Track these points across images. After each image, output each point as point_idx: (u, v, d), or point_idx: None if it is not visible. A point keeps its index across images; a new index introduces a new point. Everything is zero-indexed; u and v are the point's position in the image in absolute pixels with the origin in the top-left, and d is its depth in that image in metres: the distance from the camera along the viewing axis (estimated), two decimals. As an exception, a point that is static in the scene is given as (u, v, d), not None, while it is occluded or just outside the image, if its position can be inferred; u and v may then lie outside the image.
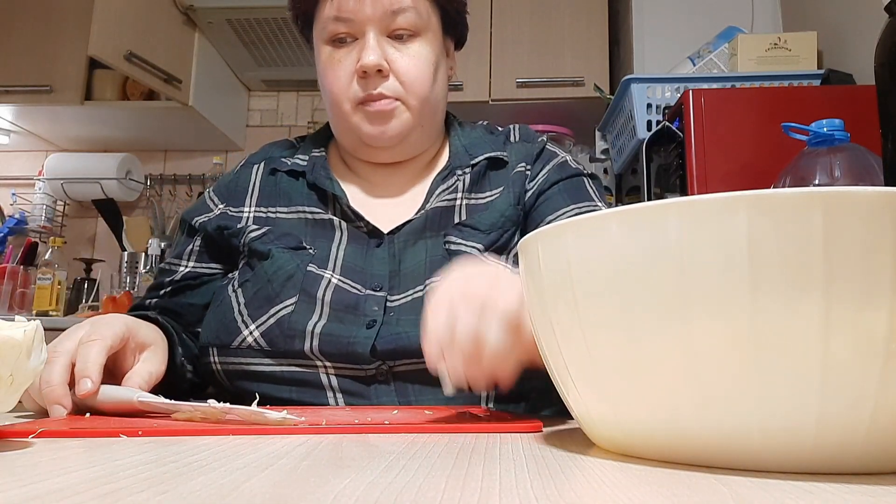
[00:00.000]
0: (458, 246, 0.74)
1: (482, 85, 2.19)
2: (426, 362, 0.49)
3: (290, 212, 0.79)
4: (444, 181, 0.79)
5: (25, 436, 0.41)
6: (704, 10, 1.97)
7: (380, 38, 0.75)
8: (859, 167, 0.89)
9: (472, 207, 0.78)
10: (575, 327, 0.33)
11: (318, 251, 0.74)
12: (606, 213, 0.31)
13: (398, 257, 0.74)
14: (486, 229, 0.76)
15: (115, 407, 0.53)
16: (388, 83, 0.75)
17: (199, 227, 0.81)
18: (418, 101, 0.76)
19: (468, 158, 0.81)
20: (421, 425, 0.46)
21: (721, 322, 0.28)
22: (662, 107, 1.54)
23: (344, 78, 0.76)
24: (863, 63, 1.49)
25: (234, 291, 0.74)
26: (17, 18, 2.30)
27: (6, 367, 0.36)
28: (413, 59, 0.76)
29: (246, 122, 2.72)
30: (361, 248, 0.75)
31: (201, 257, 0.81)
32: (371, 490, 0.25)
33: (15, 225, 2.53)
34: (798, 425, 0.28)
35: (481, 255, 0.74)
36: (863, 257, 0.26)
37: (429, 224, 0.76)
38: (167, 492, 0.25)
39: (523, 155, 0.83)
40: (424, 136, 0.81)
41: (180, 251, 0.82)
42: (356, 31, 0.75)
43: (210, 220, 0.80)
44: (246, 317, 0.71)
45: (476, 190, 0.80)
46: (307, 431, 0.44)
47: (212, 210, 0.82)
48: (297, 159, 0.83)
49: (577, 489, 0.27)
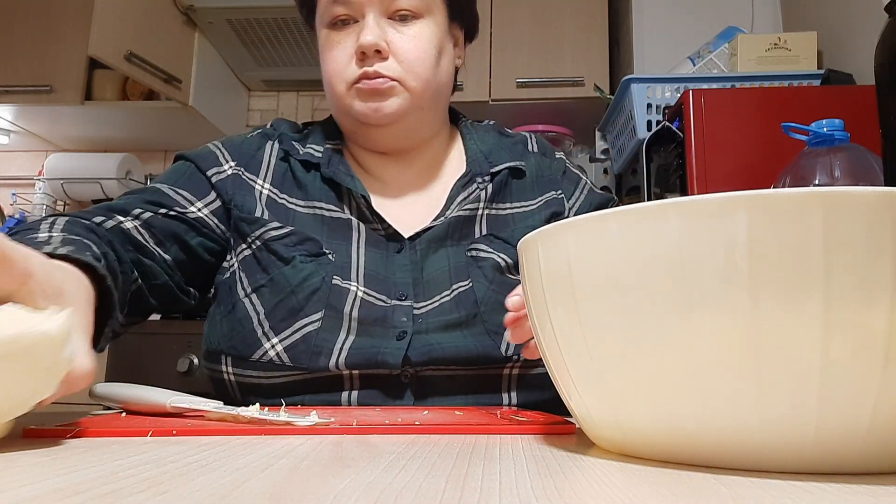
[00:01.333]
0: (487, 254, 0.73)
1: (482, 85, 2.19)
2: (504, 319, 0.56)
3: (306, 206, 0.75)
4: (465, 188, 0.78)
5: (63, 436, 0.40)
6: (704, 10, 1.97)
7: (380, 19, 0.74)
8: (859, 167, 0.89)
9: (494, 218, 0.78)
10: (575, 327, 0.33)
11: (338, 256, 0.71)
12: (606, 213, 0.31)
13: (420, 264, 0.73)
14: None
15: (147, 408, 0.52)
16: (386, 63, 0.73)
17: (218, 185, 0.75)
18: (418, 83, 0.74)
19: (488, 166, 0.80)
20: (453, 426, 0.45)
21: (721, 322, 0.28)
22: (662, 107, 1.54)
23: (342, 59, 0.74)
24: (863, 63, 1.49)
25: (247, 296, 0.70)
26: (17, 18, 2.30)
27: (44, 362, 0.36)
28: (413, 40, 0.74)
29: (246, 122, 2.72)
30: (381, 254, 0.73)
31: (220, 215, 0.75)
32: (371, 490, 0.25)
33: (15, 225, 2.53)
34: (798, 425, 0.28)
35: (508, 269, 0.73)
36: (863, 257, 0.26)
37: (451, 232, 0.75)
38: (167, 492, 0.25)
39: (545, 171, 0.83)
40: (425, 121, 0.78)
41: (197, 191, 0.75)
42: (356, 12, 0.74)
43: (225, 180, 0.75)
44: (268, 329, 0.68)
45: (498, 200, 0.79)
46: (329, 432, 0.44)
47: (222, 165, 0.77)
48: (311, 149, 0.79)
49: (577, 489, 0.27)
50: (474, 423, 0.47)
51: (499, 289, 0.71)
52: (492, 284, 0.71)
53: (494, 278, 0.72)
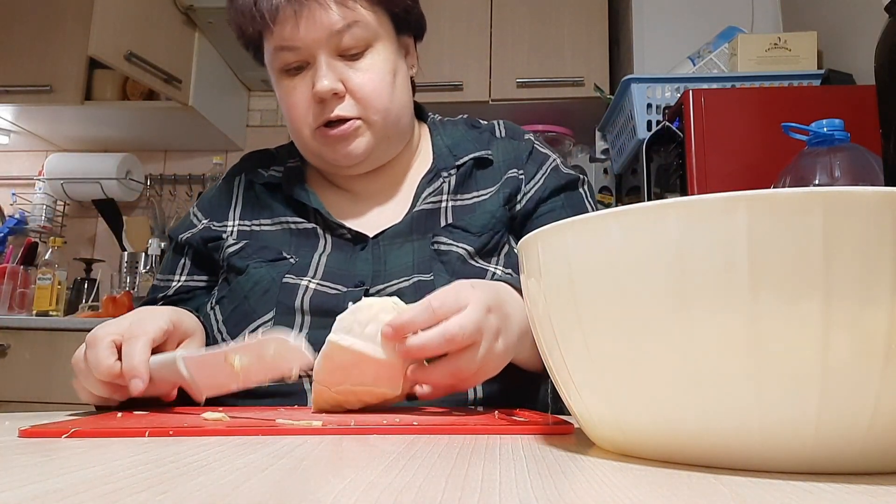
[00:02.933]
0: (448, 247, 0.74)
1: (482, 85, 2.19)
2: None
3: (273, 223, 0.79)
4: (430, 184, 0.79)
5: (58, 436, 0.40)
6: (704, 10, 1.97)
7: (331, 60, 0.73)
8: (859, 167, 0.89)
9: (458, 209, 0.78)
10: (575, 327, 0.33)
11: (300, 260, 0.74)
12: (606, 213, 0.31)
13: (383, 258, 0.74)
14: (478, 231, 0.75)
15: (159, 374, 0.54)
16: (344, 104, 0.73)
17: (185, 242, 0.82)
18: (379, 116, 0.75)
19: (453, 159, 0.81)
20: (452, 427, 0.45)
21: (721, 322, 0.28)
22: (662, 107, 1.54)
23: (301, 105, 0.74)
24: (863, 63, 1.49)
25: (212, 309, 0.75)
26: (17, 18, 2.30)
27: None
28: (367, 74, 0.74)
29: (246, 122, 2.72)
30: (346, 254, 0.75)
31: (192, 271, 0.82)
32: (371, 490, 0.25)
33: (15, 225, 2.53)
34: (798, 425, 0.28)
35: (471, 258, 0.73)
36: (863, 257, 0.26)
37: (415, 226, 0.76)
38: (167, 492, 0.25)
39: (511, 154, 0.82)
40: (392, 145, 0.79)
41: (172, 267, 0.83)
42: (306, 56, 0.73)
43: (194, 235, 0.81)
44: (225, 335, 0.72)
45: (462, 191, 0.79)
46: (329, 433, 0.44)
47: (195, 226, 0.82)
48: (273, 171, 0.83)
49: (577, 489, 0.27)
50: (473, 423, 0.47)
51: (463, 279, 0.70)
52: (453, 276, 0.71)
53: (458, 269, 0.72)
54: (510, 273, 0.75)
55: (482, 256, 0.75)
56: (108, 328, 0.58)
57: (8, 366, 1.94)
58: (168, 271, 0.83)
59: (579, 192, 0.82)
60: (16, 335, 1.96)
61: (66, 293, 2.36)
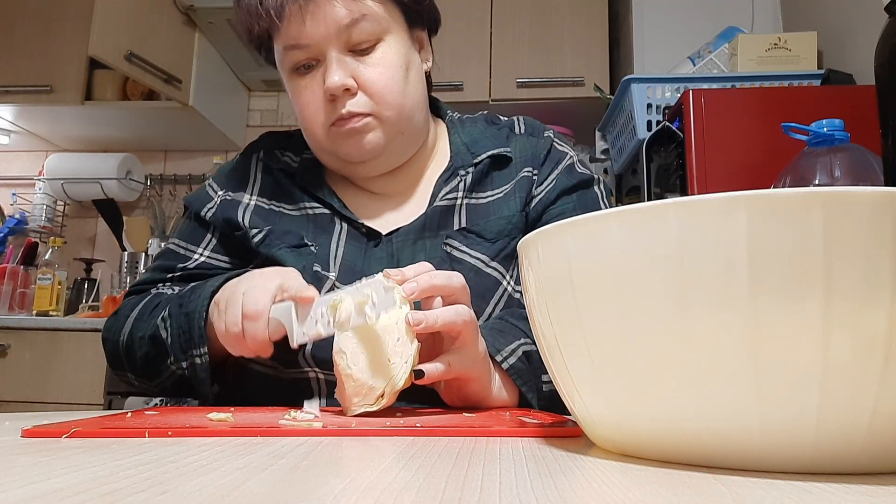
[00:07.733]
0: (461, 254, 0.73)
1: (482, 85, 2.19)
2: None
3: (293, 208, 0.79)
4: (447, 183, 0.78)
5: (59, 436, 0.40)
6: (704, 10, 1.97)
7: (341, 56, 0.71)
8: (859, 167, 0.89)
9: (473, 207, 0.77)
10: (575, 327, 0.33)
11: (320, 248, 0.74)
12: (606, 213, 0.31)
13: (396, 256, 0.74)
14: (493, 237, 0.74)
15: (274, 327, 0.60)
16: (355, 100, 0.72)
17: (211, 220, 0.80)
18: (392, 111, 0.73)
19: (470, 157, 0.79)
20: (452, 428, 0.44)
21: (721, 322, 0.28)
22: (662, 107, 1.54)
23: (313, 104, 0.73)
24: (863, 63, 1.49)
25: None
26: (17, 18, 2.30)
27: None
28: (379, 69, 0.72)
29: (246, 122, 2.72)
30: (360, 248, 0.75)
31: (217, 249, 0.81)
32: (371, 490, 0.25)
33: (15, 225, 2.53)
34: (798, 425, 0.28)
35: (486, 266, 0.73)
36: (863, 257, 0.26)
37: (428, 224, 0.75)
38: (167, 492, 0.25)
39: (529, 151, 0.81)
40: (407, 141, 0.78)
41: (195, 238, 0.81)
42: (316, 54, 0.72)
43: (215, 211, 0.80)
44: None
45: (478, 189, 0.78)
46: (329, 433, 0.44)
47: (212, 198, 0.82)
48: (289, 158, 0.82)
49: (577, 489, 0.27)
50: (478, 425, 0.47)
51: (472, 291, 0.68)
52: None
53: (471, 280, 0.68)
54: (519, 290, 0.74)
55: (499, 261, 0.74)
56: (268, 294, 0.61)
57: (8, 366, 1.94)
58: (190, 240, 0.81)
59: (594, 192, 0.80)
60: (16, 335, 1.96)
61: (66, 293, 2.37)
